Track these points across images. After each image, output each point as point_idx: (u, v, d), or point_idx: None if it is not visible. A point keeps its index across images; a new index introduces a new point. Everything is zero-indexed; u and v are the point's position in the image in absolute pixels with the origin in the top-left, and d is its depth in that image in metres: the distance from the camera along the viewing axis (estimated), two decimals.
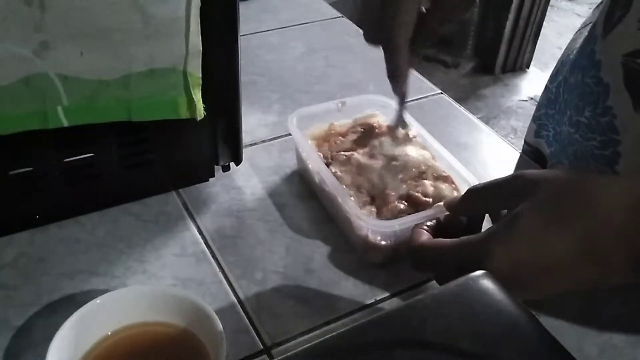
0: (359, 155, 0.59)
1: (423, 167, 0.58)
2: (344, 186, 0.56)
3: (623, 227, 0.37)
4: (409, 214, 0.54)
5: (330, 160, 0.60)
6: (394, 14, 0.48)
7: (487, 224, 0.50)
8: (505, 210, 0.48)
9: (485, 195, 0.46)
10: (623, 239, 0.37)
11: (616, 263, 0.38)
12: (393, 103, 0.65)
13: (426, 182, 0.57)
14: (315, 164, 0.58)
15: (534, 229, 0.39)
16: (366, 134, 0.62)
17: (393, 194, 0.56)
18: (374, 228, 0.52)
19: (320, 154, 0.60)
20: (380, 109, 0.66)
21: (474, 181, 0.55)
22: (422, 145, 0.61)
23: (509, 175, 0.44)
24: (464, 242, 0.43)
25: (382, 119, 0.65)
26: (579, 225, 0.38)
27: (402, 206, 0.55)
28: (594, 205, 0.38)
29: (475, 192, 0.47)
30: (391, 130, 0.61)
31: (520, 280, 0.39)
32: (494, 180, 0.46)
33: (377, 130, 0.62)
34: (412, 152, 0.59)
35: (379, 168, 0.58)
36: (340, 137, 0.63)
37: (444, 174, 0.58)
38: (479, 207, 0.48)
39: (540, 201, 0.40)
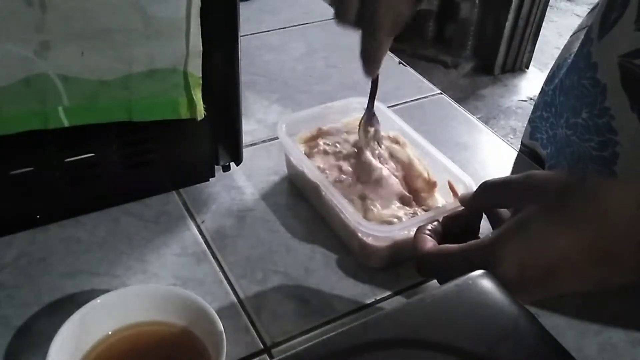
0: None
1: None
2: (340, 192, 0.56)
3: (630, 228, 0.38)
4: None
5: (322, 166, 0.60)
6: None
7: (484, 223, 0.50)
8: (505, 210, 0.48)
9: (498, 191, 0.46)
10: (630, 240, 0.38)
11: (625, 263, 0.38)
12: (380, 105, 0.65)
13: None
14: (309, 170, 0.58)
15: (543, 233, 0.39)
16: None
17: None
18: (374, 233, 0.52)
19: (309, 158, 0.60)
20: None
21: (470, 182, 0.55)
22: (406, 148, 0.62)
23: (521, 175, 0.44)
24: (470, 247, 0.43)
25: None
26: (588, 228, 0.39)
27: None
28: (602, 207, 0.39)
29: (489, 187, 0.47)
30: (364, 127, 0.61)
31: (528, 283, 0.40)
32: (506, 177, 0.46)
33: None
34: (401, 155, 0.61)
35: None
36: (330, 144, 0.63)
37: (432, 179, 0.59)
38: (491, 201, 0.48)
39: (548, 204, 0.40)
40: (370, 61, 0.51)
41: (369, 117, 0.61)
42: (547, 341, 0.33)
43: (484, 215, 0.51)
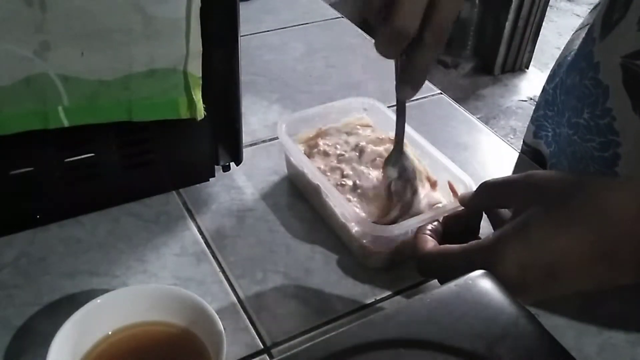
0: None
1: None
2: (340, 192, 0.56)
3: (632, 228, 0.38)
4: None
5: (323, 167, 0.60)
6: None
7: (484, 223, 0.50)
8: (505, 210, 0.48)
9: (498, 191, 0.46)
10: (632, 240, 0.38)
11: (626, 264, 0.38)
12: (380, 105, 0.65)
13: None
14: (309, 170, 0.58)
15: (544, 233, 0.39)
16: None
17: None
18: (373, 234, 0.52)
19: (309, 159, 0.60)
20: (367, 111, 0.66)
21: (470, 182, 0.55)
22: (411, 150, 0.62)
23: (521, 175, 0.44)
24: (472, 247, 0.43)
25: (370, 120, 0.66)
26: (589, 228, 0.38)
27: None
28: (603, 207, 0.39)
29: (489, 187, 0.47)
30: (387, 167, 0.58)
31: (529, 284, 0.40)
32: (506, 177, 0.46)
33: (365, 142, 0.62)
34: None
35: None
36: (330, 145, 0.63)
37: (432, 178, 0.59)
38: (491, 201, 0.48)
39: (549, 205, 0.40)
40: (421, 79, 0.46)
41: (397, 155, 0.55)
42: (547, 341, 0.33)
43: (485, 215, 0.51)
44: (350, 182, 0.58)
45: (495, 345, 0.32)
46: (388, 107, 0.66)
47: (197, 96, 0.52)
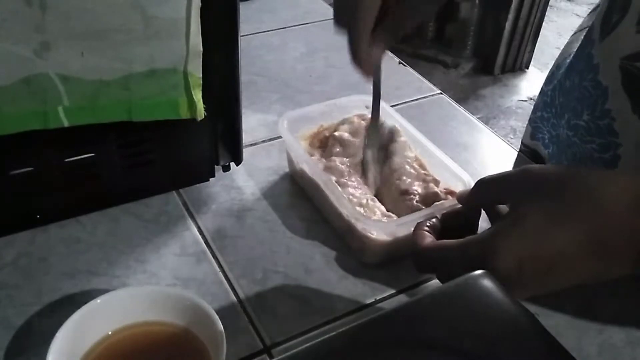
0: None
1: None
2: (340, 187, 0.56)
3: (627, 220, 0.38)
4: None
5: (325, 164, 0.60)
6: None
7: (483, 222, 0.50)
8: (503, 206, 0.48)
9: (494, 187, 0.47)
10: (627, 232, 0.38)
11: (620, 256, 0.38)
12: (382, 104, 0.65)
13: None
14: (309, 166, 0.58)
15: (540, 226, 0.39)
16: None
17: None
18: (371, 229, 0.52)
19: (311, 155, 0.61)
20: (369, 109, 0.66)
21: (469, 180, 0.55)
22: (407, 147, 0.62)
23: (517, 170, 0.44)
24: (468, 241, 0.43)
25: None
26: (584, 221, 0.39)
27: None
28: (598, 199, 0.39)
29: (485, 183, 0.47)
30: (369, 127, 0.61)
31: (524, 277, 0.40)
32: (502, 172, 0.46)
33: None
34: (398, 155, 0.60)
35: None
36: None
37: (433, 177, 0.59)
38: (488, 198, 0.48)
39: (545, 198, 0.40)
40: (353, 56, 0.51)
41: (373, 122, 0.60)
42: (547, 341, 0.33)
43: (484, 214, 0.51)
44: (350, 179, 0.58)
45: (495, 345, 0.32)
46: (391, 106, 0.67)
47: (197, 96, 0.52)
